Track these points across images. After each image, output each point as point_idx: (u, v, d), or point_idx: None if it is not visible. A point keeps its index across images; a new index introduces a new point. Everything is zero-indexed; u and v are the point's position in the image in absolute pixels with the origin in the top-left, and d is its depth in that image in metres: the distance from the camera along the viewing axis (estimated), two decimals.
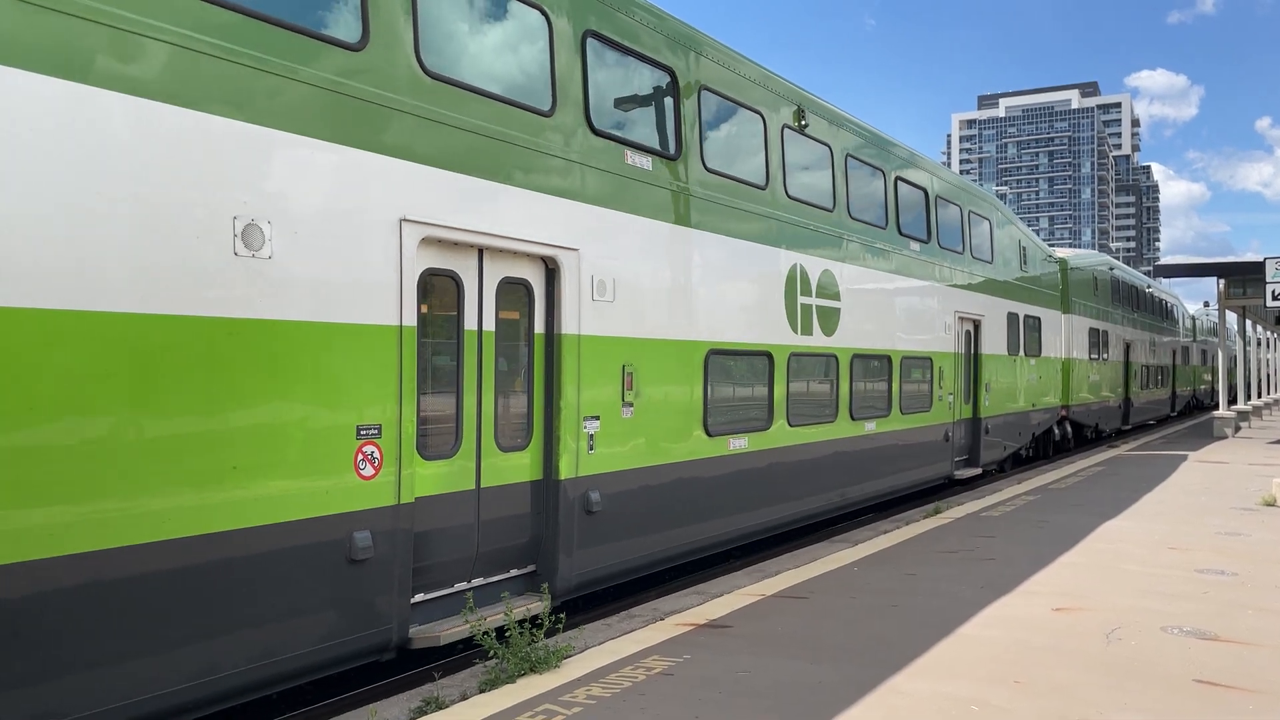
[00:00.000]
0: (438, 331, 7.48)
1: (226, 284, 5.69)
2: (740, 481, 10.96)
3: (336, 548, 6.33)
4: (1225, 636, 7.73)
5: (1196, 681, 6.63)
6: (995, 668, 6.88)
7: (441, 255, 7.37)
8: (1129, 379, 32.33)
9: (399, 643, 6.89)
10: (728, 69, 10.95)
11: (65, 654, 5.01)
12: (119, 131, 5.21)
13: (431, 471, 7.28)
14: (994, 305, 19.39)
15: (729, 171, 10.87)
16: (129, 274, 5.23)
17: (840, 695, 6.29)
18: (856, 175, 14.01)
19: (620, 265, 9.06)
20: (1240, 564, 10.49)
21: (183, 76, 5.51)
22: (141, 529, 5.28)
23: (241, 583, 5.79)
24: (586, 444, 8.56)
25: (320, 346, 6.23)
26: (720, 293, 10.62)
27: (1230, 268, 30.09)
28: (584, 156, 8.65)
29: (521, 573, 8.25)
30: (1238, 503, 15.15)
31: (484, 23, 8.06)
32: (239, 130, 5.78)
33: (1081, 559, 10.76)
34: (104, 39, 5.16)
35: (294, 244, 6.09)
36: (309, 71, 6.21)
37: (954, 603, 8.74)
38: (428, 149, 7.06)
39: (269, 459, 5.89)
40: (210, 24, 5.65)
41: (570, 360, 8.40)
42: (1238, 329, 38.07)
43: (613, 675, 6.72)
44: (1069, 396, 24.86)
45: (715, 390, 10.49)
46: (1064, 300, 24.92)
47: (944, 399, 16.77)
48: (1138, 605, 8.68)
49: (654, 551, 9.62)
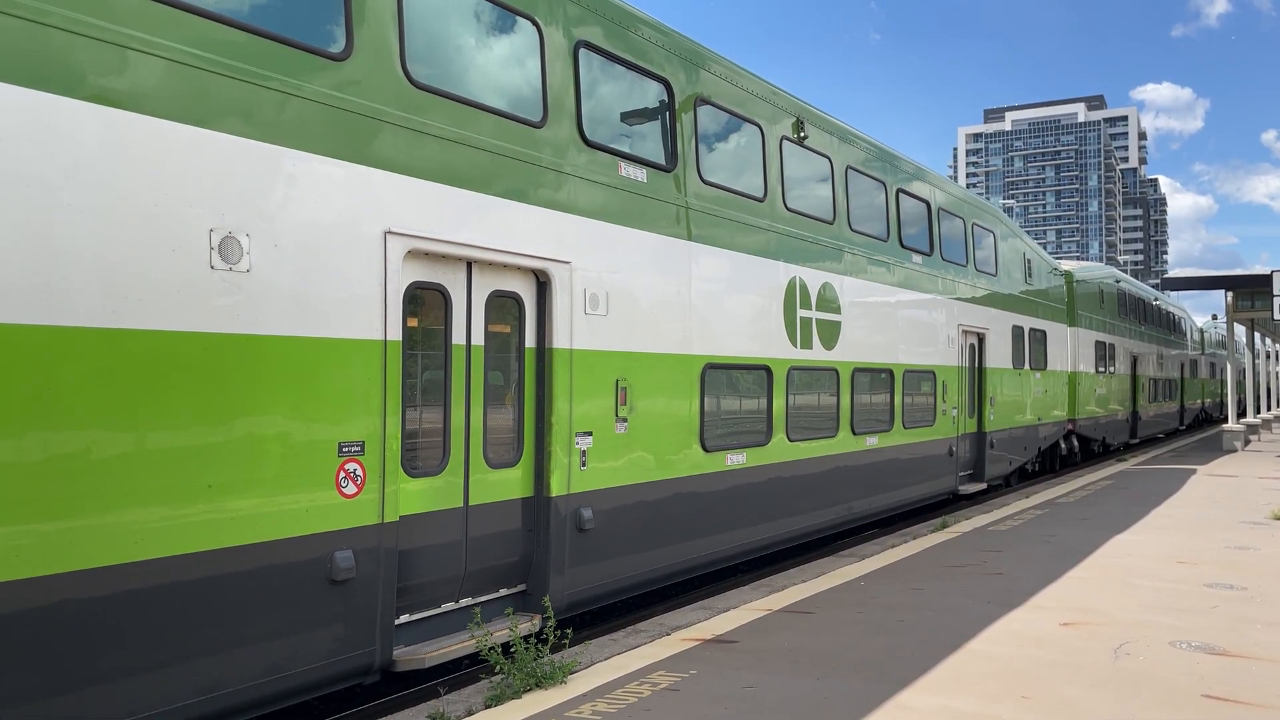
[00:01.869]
0: (425, 345, 7.36)
1: (202, 298, 5.57)
2: (738, 497, 10.80)
3: (317, 568, 6.18)
4: (1234, 651, 7.56)
5: (1205, 696, 6.49)
6: (1003, 683, 6.76)
7: (429, 268, 7.26)
8: (1136, 392, 32.11)
9: (382, 665, 6.73)
10: (725, 80, 10.87)
11: (23, 680, 4.84)
12: (86, 141, 5.10)
13: (417, 488, 7.14)
14: (999, 318, 19.23)
15: (726, 184, 10.76)
16: (98, 288, 5.11)
17: (847, 711, 6.19)
18: (857, 188, 13.90)
19: (614, 278, 8.94)
20: (1249, 578, 10.31)
21: (153, 85, 5.40)
22: (111, 550, 5.13)
23: (217, 605, 5.64)
24: (579, 460, 8.41)
25: (301, 362, 6.10)
26: (717, 306, 10.49)
27: (1238, 280, 29.91)
28: (576, 168, 8.54)
29: (512, 592, 8.09)
30: (1247, 516, 14.94)
31: (473, 33, 7.97)
32: (213, 140, 5.68)
33: (1089, 573, 10.59)
34: (68, 46, 5.06)
35: (274, 257, 5.97)
36: (289, 82, 6.11)
37: (961, 618, 8.60)
38: (413, 161, 6.95)
39: (246, 477, 5.76)
40: (182, 32, 5.55)
41: (562, 375, 8.26)
42: (1246, 341, 37.80)
43: (618, 691, 6.65)
44: (1075, 410, 24.65)
45: (712, 405, 10.35)
46: (1070, 313, 24.76)
47: (948, 413, 16.60)
48: (1146, 620, 8.51)
49: (649, 570, 9.45)
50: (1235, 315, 31.32)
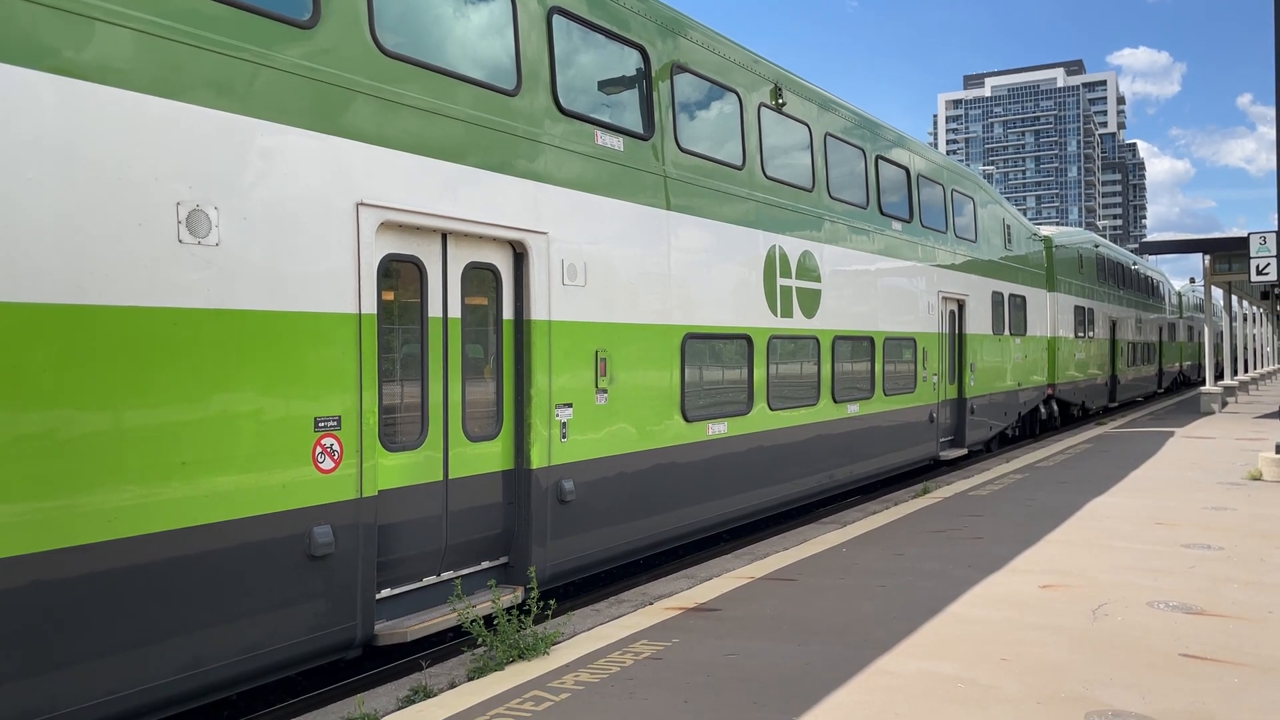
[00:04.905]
0: (401, 319, 7.29)
1: (170, 272, 5.47)
2: (720, 467, 10.80)
3: (295, 544, 6.14)
4: (1211, 610, 7.65)
5: (1182, 655, 6.56)
6: (982, 646, 6.82)
7: (403, 240, 7.17)
8: (1115, 356, 32.30)
9: (364, 640, 6.71)
10: (702, 47, 10.75)
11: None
12: (46, 114, 4.98)
13: (396, 463, 7.09)
14: (978, 284, 19.26)
15: (705, 152, 10.67)
16: (60, 263, 5.00)
17: (828, 676, 6.23)
18: (836, 155, 13.82)
19: (592, 248, 8.86)
20: (1226, 538, 10.42)
21: (116, 56, 5.27)
22: (84, 529, 5.07)
23: (194, 582, 5.59)
24: (559, 432, 8.38)
25: (273, 336, 6.02)
26: (697, 275, 10.44)
27: (1215, 243, 30.08)
28: (552, 138, 8.44)
29: (493, 565, 8.07)
30: (1224, 477, 15.09)
31: (445, 0, 7.83)
32: (179, 112, 5.55)
33: (1069, 536, 10.67)
34: (30, 17, 4.92)
35: (243, 230, 5.87)
36: (256, 51, 5.98)
37: (942, 582, 8.67)
38: (385, 131, 6.84)
39: (220, 453, 5.69)
40: (145, 2, 5.41)
41: (541, 346, 8.21)
42: (1224, 304, 38.09)
43: (601, 660, 6.67)
44: (1055, 375, 24.79)
45: (693, 375, 10.32)
46: (1049, 278, 24.83)
47: (928, 380, 16.64)
48: (1124, 581, 8.59)
49: (631, 540, 9.45)
50: (1213, 278, 31.53)
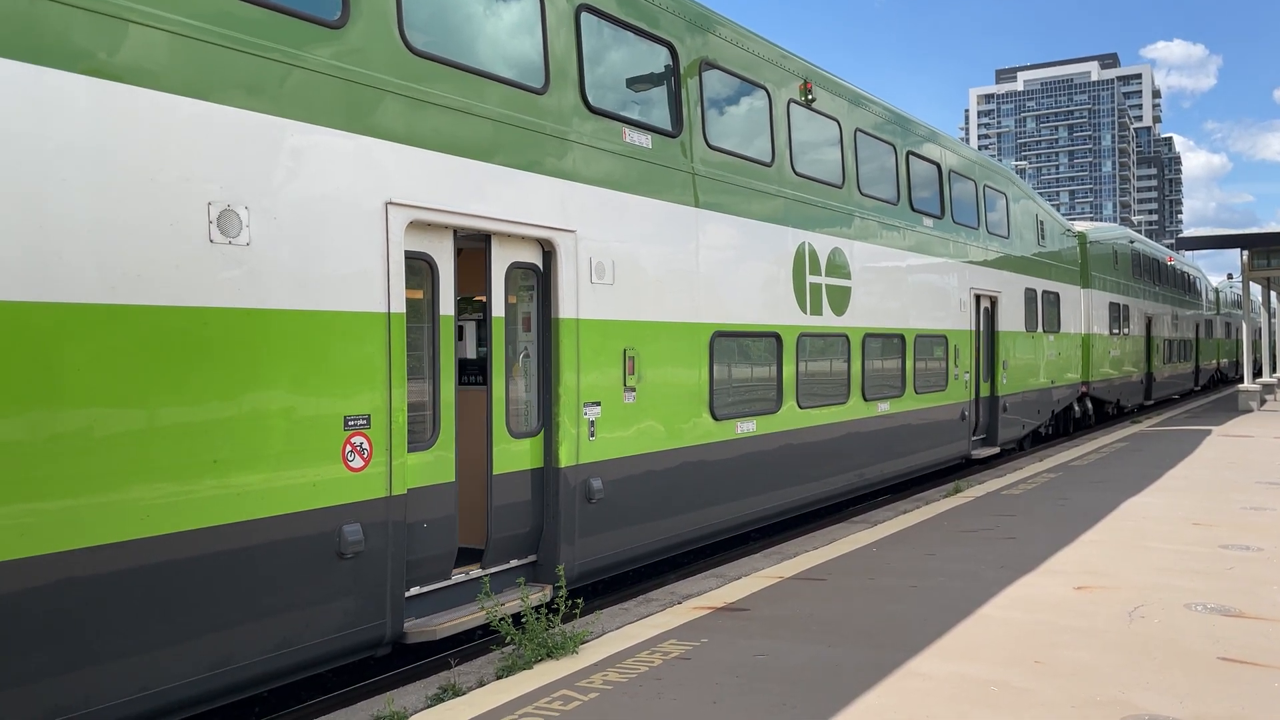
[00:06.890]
0: (428, 317, 7.30)
1: (202, 272, 5.52)
2: (749, 465, 10.75)
3: (325, 542, 6.17)
4: (1250, 613, 7.50)
5: (1221, 659, 6.43)
6: (1015, 648, 6.73)
7: (428, 239, 7.18)
8: (1151, 354, 31.88)
9: (393, 638, 6.74)
10: (730, 43, 10.69)
11: (35, 657, 4.85)
12: (80, 116, 5.03)
13: (424, 461, 7.11)
14: (1011, 281, 19.05)
15: (733, 149, 10.62)
16: (95, 264, 5.05)
17: (858, 678, 6.17)
18: (867, 151, 13.71)
19: (620, 247, 8.84)
20: (1265, 539, 10.23)
21: (149, 58, 5.31)
22: (118, 527, 5.12)
23: (225, 580, 5.63)
24: (587, 430, 8.37)
25: (304, 335, 6.05)
26: (726, 273, 10.39)
27: (1253, 239, 29.53)
28: (580, 135, 8.42)
29: (522, 563, 8.08)
30: (1262, 477, 14.84)
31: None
32: (211, 113, 5.59)
33: (1103, 536, 10.52)
34: (64, 19, 4.97)
35: (274, 230, 5.91)
36: (286, 51, 6.01)
37: (974, 583, 8.57)
38: (413, 130, 6.85)
39: (252, 452, 5.73)
40: (176, 4, 5.45)
41: (569, 345, 8.20)
42: (1262, 300, 37.43)
43: (629, 660, 6.65)
44: (1089, 373, 24.49)
45: (721, 373, 10.27)
46: (1083, 275, 24.53)
47: (960, 377, 16.49)
48: (1161, 583, 8.45)
49: (660, 539, 9.43)
50: (1251, 274, 30.97)
